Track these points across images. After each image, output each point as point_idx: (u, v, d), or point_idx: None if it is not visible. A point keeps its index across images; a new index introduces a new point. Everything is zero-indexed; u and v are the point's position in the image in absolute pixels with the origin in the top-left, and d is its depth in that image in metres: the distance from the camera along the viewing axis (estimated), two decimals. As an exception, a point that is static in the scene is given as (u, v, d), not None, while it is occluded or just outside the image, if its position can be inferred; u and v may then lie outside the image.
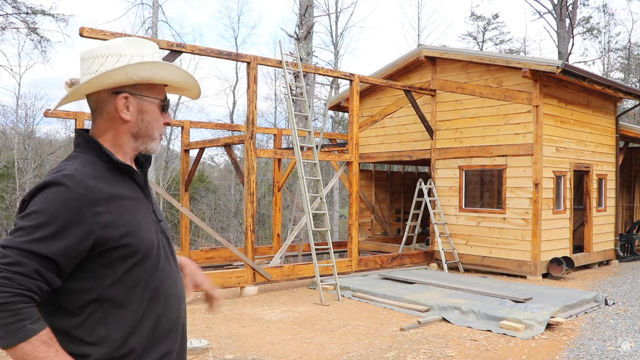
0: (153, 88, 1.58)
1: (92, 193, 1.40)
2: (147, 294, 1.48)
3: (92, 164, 1.48)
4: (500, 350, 5.36)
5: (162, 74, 1.56)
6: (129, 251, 1.44)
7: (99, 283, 1.41)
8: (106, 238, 1.40)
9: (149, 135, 1.58)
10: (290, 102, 8.70)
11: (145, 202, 1.57)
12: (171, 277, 1.58)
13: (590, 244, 11.38)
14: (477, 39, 32.17)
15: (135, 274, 1.46)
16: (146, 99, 1.57)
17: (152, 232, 1.54)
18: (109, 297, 1.42)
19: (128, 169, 1.54)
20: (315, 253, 8.45)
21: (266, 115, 32.45)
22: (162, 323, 1.52)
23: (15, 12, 19.78)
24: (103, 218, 1.40)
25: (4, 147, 27.47)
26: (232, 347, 5.45)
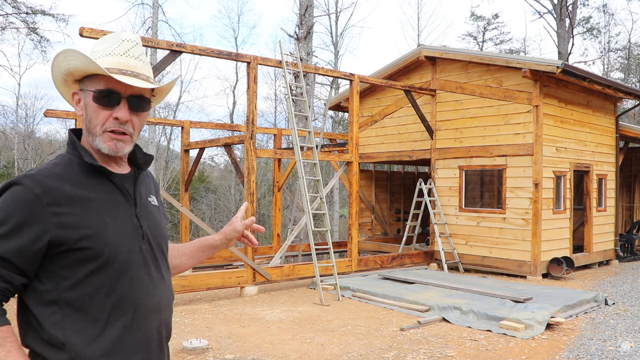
0: (94, 78, 1.49)
1: (49, 193, 1.37)
2: (109, 302, 1.41)
3: (66, 165, 1.46)
4: (500, 350, 5.36)
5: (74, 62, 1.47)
6: (89, 254, 1.38)
7: (58, 284, 1.38)
8: (63, 239, 1.36)
9: (92, 132, 1.49)
10: (290, 102, 8.70)
11: (123, 205, 1.50)
12: (146, 286, 1.48)
13: (590, 244, 11.38)
14: (477, 39, 32.17)
15: (97, 279, 1.39)
16: (86, 91, 1.50)
17: (125, 237, 1.46)
18: (68, 300, 1.38)
19: (100, 169, 1.48)
20: (315, 253, 8.45)
21: (266, 115, 32.48)
22: (131, 335, 1.44)
23: (15, 12, 19.78)
24: (62, 219, 1.36)
25: (4, 147, 27.47)
26: (232, 347, 5.45)
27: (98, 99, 1.47)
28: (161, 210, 1.70)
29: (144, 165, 1.63)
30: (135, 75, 1.49)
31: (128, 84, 1.47)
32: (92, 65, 1.45)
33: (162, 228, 1.64)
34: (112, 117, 1.48)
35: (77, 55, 1.45)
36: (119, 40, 1.51)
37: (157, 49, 12.12)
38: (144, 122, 1.58)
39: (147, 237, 1.53)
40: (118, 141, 1.49)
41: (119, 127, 1.48)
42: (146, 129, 25.62)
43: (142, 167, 1.62)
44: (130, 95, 1.49)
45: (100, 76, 1.47)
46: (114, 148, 1.49)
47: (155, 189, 1.73)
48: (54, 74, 1.54)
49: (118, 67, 1.48)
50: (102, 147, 1.48)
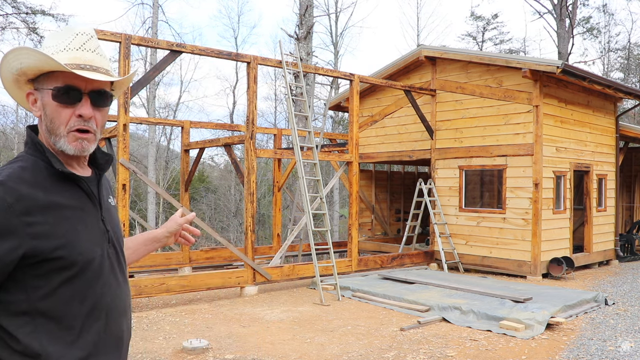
0: (50, 76, 1.41)
1: (24, 202, 1.29)
2: (84, 309, 1.38)
3: (33, 168, 1.38)
4: (500, 350, 5.36)
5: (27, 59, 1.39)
6: (64, 263, 1.34)
7: (30, 295, 1.32)
8: (38, 250, 1.30)
9: (53, 132, 1.41)
10: (290, 102, 8.70)
11: (91, 211, 1.45)
12: (114, 290, 1.48)
13: (590, 244, 11.38)
14: (477, 39, 32.17)
15: (71, 287, 1.36)
16: (43, 90, 1.42)
17: (95, 244, 1.43)
18: (41, 309, 1.33)
19: (72, 177, 1.42)
20: (315, 253, 8.45)
21: (266, 115, 32.47)
22: (105, 339, 1.43)
23: (15, 12, 19.78)
24: (35, 229, 1.30)
25: (4, 147, 27.47)
26: (232, 347, 5.45)
27: (57, 96, 1.39)
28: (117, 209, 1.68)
29: (104, 165, 1.57)
30: (95, 69, 1.42)
31: (88, 80, 1.40)
32: (49, 62, 1.37)
33: (120, 229, 1.62)
34: (75, 114, 1.40)
35: (31, 53, 1.37)
36: (72, 34, 1.43)
37: (157, 49, 12.13)
38: (106, 117, 1.51)
39: (112, 241, 1.51)
40: (83, 140, 1.42)
41: (83, 125, 1.41)
42: (146, 129, 25.63)
43: (103, 167, 1.57)
44: (91, 90, 1.42)
45: (58, 73, 1.39)
46: (79, 148, 1.42)
47: (111, 187, 1.69)
48: (4, 75, 1.44)
49: (75, 62, 1.40)
50: (67, 148, 1.41)
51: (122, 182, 7.22)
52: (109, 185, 1.68)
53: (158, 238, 1.85)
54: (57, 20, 20.51)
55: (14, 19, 20.03)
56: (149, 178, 20.15)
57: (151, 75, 7.85)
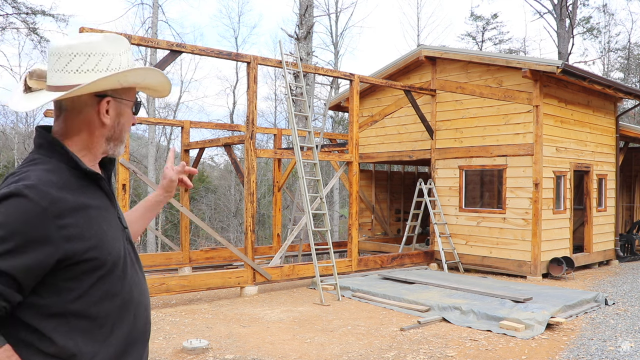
0: (130, 90, 1.52)
1: (57, 205, 1.30)
2: (115, 306, 1.42)
3: (57, 171, 1.38)
4: (500, 350, 5.36)
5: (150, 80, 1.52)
6: (96, 264, 1.36)
7: (62, 297, 1.33)
8: (71, 252, 1.31)
9: (120, 139, 1.53)
10: (290, 102, 8.70)
11: (111, 210, 1.49)
12: (138, 284, 1.53)
13: (590, 244, 11.38)
14: (477, 39, 32.16)
15: (103, 286, 1.39)
16: (124, 102, 1.51)
17: (119, 241, 1.47)
18: (74, 311, 1.34)
19: (95, 177, 1.45)
20: (315, 253, 8.45)
21: (266, 115, 32.47)
22: (133, 333, 1.48)
23: (15, 12, 19.78)
24: (69, 231, 1.31)
25: (4, 147, 27.47)
26: (232, 347, 5.45)
27: (136, 109, 1.56)
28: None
29: (109, 165, 1.60)
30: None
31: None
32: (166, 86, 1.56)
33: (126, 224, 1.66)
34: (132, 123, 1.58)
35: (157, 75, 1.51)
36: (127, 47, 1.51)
37: (157, 49, 12.13)
38: None
39: (129, 238, 1.56)
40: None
41: None
42: (146, 129, 25.62)
43: (110, 168, 1.61)
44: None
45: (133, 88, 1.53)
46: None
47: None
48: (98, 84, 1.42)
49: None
50: (122, 152, 1.58)
51: (122, 182, 7.22)
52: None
53: (159, 200, 1.90)
54: (57, 20, 20.51)
55: (14, 19, 20.02)
56: (149, 178, 20.15)
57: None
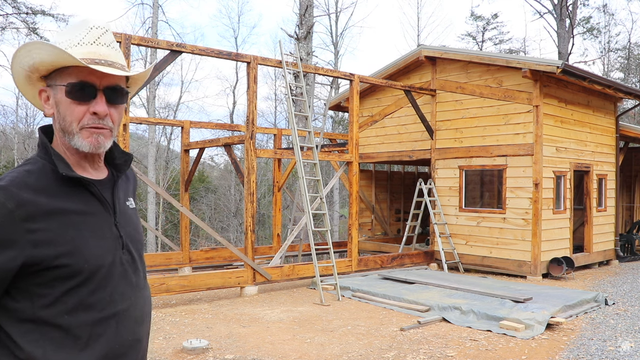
0: (62, 72, 1.34)
1: (25, 208, 1.24)
2: (90, 318, 1.32)
3: (39, 172, 1.32)
4: (500, 350, 5.36)
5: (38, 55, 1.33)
6: (69, 272, 1.28)
7: (34, 303, 1.27)
8: (39, 258, 1.24)
9: (68, 131, 1.35)
10: (290, 102, 8.70)
11: (102, 216, 1.39)
12: (127, 297, 1.40)
13: (590, 244, 11.38)
14: (477, 39, 32.16)
15: (77, 295, 1.30)
16: (57, 86, 1.35)
17: (105, 250, 1.36)
18: (45, 318, 1.28)
19: (78, 180, 1.35)
20: (315, 253, 8.45)
21: (266, 115, 32.47)
22: (115, 349, 1.36)
23: (15, 12, 19.78)
24: (37, 236, 1.24)
25: (4, 147, 27.47)
26: (232, 347, 5.45)
27: (71, 93, 1.33)
28: (136, 210, 1.60)
29: (123, 166, 1.50)
30: (110, 64, 1.35)
31: (103, 75, 1.34)
32: (63, 56, 1.30)
33: (140, 232, 1.55)
34: (90, 112, 1.34)
35: (44, 47, 1.30)
36: (86, 28, 1.36)
37: (157, 49, 12.13)
38: (122, 115, 1.44)
39: (127, 247, 1.44)
40: (99, 135, 1.36)
41: (97, 123, 1.35)
42: (146, 129, 25.62)
43: (121, 168, 1.50)
44: (106, 87, 1.36)
45: (71, 69, 1.33)
46: (95, 144, 1.35)
47: (133, 188, 1.62)
48: (15, 71, 1.37)
49: (89, 56, 1.33)
50: (81, 144, 1.35)
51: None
52: (132, 186, 1.60)
53: None
54: (57, 20, 20.51)
55: (14, 19, 20.02)
56: (149, 178, 20.15)
57: (151, 75, 7.85)
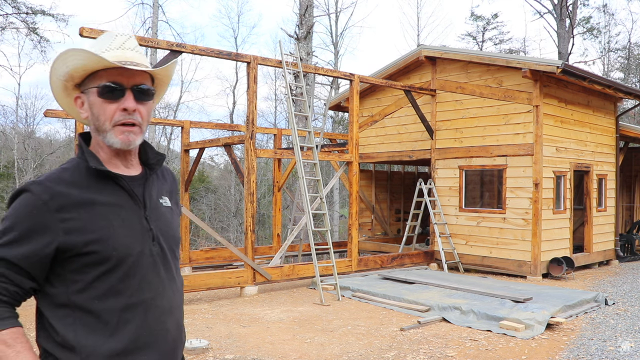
0: (95, 76, 1.50)
1: (58, 199, 1.40)
2: (119, 304, 1.44)
3: (74, 169, 1.48)
4: (500, 350, 5.36)
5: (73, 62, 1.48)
6: (98, 258, 1.41)
7: (69, 288, 1.41)
8: (71, 244, 1.39)
9: (102, 129, 1.50)
10: (290, 102, 8.70)
11: (131, 208, 1.51)
12: (155, 288, 1.51)
13: (590, 244, 11.38)
14: (477, 39, 32.16)
15: (107, 281, 1.42)
16: (89, 90, 1.51)
17: (134, 240, 1.48)
18: (78, 303, 1.41)
19: (107, 174, 1.49)
20: (315, 253, 8.45)
21: (266, 115, 32.48)
22: (142, 337, 1.46)
23: (15, 12, 19.77)
24: (68, 224, 1.39)
25: (4, 147, 27.46)
26: (232, 347, 5.45)
27: (103, 93, 1.48)
28: (175, 210, 1.70)
29: (155, 165, 1.63)
30: (136, 64, 1.50)
31: (130, 76, 1.49)
32: (94, 59, 1.45)
33: (174, 229, 1.65)
34: (120, 108, 1.48)
35: (76, 53, 1.46)
36: (112, 37, 1.52)
37: (157, 49, 12.12)
38: (150, 112, 1.58)
39: (157, 239, 1.54)
40: (129, 133, 1.50)
41: (127, 119, 1.49)
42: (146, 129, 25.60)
43: (154, 167, 1.63)
44: (133, 85, 1.50)
45: (102, 72, 1.48)
46: (126, 140, 1.50)
47: (170, 189, 1.72)
48: (53, 83, 1.55)
49: (117, 59, 1.48)
50: (114, 141, 1.49)
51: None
52: (169, 186, 1.72)
53: None
54: (57, 20, 20.50)
55: (14, 19, 20.02)
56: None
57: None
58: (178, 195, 1.76)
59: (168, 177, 1.73)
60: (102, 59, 1.44)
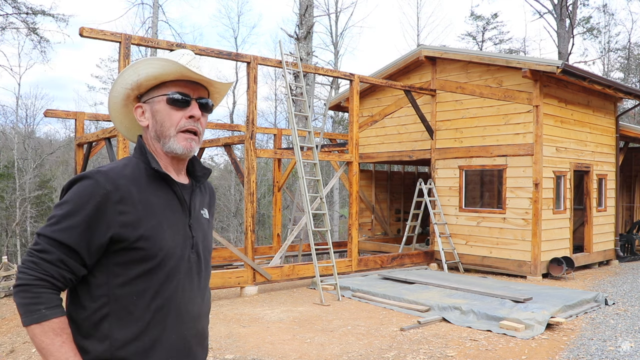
0: (161, 87, 1.60)
1: (119, 191, 1.45)
2: (154, 304, 1.48)
3: (134, 167, 1.54)
4: (500, 350, 5.36)
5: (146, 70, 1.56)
6: (144, 255, 1.46)
7: (110, 280, 1.45)
8: (123, 237, 1.43)
9: (165, 135, 1.58)
10: (290, 102, 8.70)
11: (179, 214, 1.57)
12: (188, 293, 1.56)
13: (590, 244, 11.38)
14: (477, 39, 32.15)
15: (147, 280, 1.47)
16: (155, 99, 1.59)
17: (177, 244, 1.53)
18: (117, 296, 1.45)
19: (164, 177, 1.56)
20: (315, 253, 8.45)
21: (266, 115, 32.49)
22: (170, 338, 1.51)
23: (15, 12, 19.77)
24: (124, 217, 1.44)
25: (4, 147, 27.46)
26: (232, 347, 5.45)
27: (172, 101, 1.57)
28: (210, 223, 1.76)
29: (201, 177, 1.70)
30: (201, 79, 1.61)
31: (195, 89, 1.61)
32: (173, 66, 1.54)
33: (209, 241, 1.71)
34: (186, 116, 1.57)
35: (152, 61, 1.55)
36: (179, 55, 1.61)
37: (157, 49, 12.12)
38: (206, 124, 1.67)
39: (196, 248, 1.60)
40: (192, 140, 1.59)
41: (192, 126, 1.58)
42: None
43: (200, 179, 1.70)
44: (197, 97, 1.61)
45: (169, 84, 1.58)
46: (187, 147, 1.58)
47: (210, 202, 1.78)
48: (116, 93, 1.63)
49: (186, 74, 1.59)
50: (176, 147, 1.57)
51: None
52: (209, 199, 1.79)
53: None
54: (57, 20, 20.50)
55: (14, 19, 20.02)
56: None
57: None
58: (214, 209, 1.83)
59: (209, 191, 1.80)
60: (181, 66, 1.53)
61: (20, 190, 24.05)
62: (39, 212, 25.09)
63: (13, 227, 23.54)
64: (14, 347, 5.75)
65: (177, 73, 1.57)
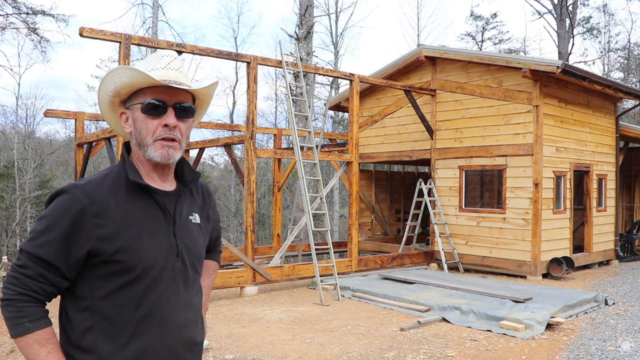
0: (139, 94, 1.58)
1: (95, 205, 1.45)
2: (137, 315, 1.48)
3: (115, 177, 1.54)
4: (500, 350, 5.36)
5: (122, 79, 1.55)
6: (123, 267, 1.46)
7: (92, 293, 1.47)
8: (101, 250, 1.44)
9: (143, 144, 1.56)
10: (290, 102, 8.70)
11: (161, 223, 1.56)
12: (173, 303, 1.55)
13: (590, 244, 11.38)
14: (476, 39, 32.16)
15: (128, 291, 1.47)
16: (134, 106, 1.58)
17: (160, 254, 1.52)
18: (99, 309, 1.46)
19: (144, 187, 1.54)
20: (315, 253, 8.45)
21: (266, 115, 32.49)
22: (155, 348, 1.51)
23: (15, 12, 19.77)
24: (101, 231, 1.44)
25: (4, 147, 27.45)
26: (232, 347, 5.45)
27: (146, 109, 1.54)
28: (203, 227, 1.73)
29: (190, 182, 1.68)
30: (178, 84, 1.57)
31: (172, 94, 1.57)
32: (141, 76, 1.53)
33: (199, 246, 1.69)
34: (161, 124, 1.55)
35: (125, 71, 1.54)
36: (158, 57, 1.61)
37: (157, 49, 12.12)
38: (190, 129, 1.65)
39: (181, 256, 1.59)
40: (169, 148, 1.56)
41: (168, 134, 1.55)
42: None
43: (189, 184, 1.68)
44: (175, 103, 1.57)
45: (146, 90, 1.56)
46: (165, 155, 1.55)
47: (203, 205, 1.75)
48: (101, 98, 1.63)
49: (162, 78, 1.55)
50: (154, 155, 1.55)
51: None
52: (202, 202, 1.75)
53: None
54: (57, 20, 20.49)
55: (14, 19, 20.02)
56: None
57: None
58: (212, 209, 1.80)
59: (200, 194, 1.77)
60: (147, 76, 1.51)
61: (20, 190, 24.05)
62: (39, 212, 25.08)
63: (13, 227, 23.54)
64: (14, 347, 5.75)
65: (147, 82, 1.55)
